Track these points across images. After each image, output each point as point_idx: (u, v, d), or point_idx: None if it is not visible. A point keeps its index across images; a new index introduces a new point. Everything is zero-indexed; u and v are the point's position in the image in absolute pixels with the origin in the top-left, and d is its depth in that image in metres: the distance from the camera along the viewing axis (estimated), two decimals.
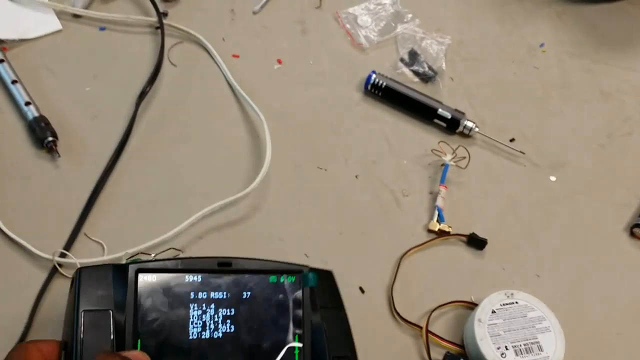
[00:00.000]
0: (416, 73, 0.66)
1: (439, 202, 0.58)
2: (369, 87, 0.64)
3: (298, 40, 0.67)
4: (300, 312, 0.48)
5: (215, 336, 0.46)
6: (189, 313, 0.45)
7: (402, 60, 0.67)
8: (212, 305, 0.46)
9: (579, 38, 0.72)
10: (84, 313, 0.44)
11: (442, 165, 0.60)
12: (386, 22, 0.70)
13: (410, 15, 0.70)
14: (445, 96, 0.65)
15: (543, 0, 0.74)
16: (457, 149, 0.60)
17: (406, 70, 0.67)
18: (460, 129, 0.62)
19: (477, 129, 0.62)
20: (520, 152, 0.62)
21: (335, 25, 0.69)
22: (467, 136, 0.63)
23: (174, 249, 0.55)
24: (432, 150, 0.60)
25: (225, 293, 0.47)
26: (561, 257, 0.57)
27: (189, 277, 0.46)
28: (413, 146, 0.62)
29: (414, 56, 0.67)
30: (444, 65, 0.67)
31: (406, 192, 0.59)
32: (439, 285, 0.53)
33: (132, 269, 0.45)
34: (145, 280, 0.45)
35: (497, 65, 0.69)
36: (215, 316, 0.46)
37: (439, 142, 0.60)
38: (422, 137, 0.63)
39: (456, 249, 0.56)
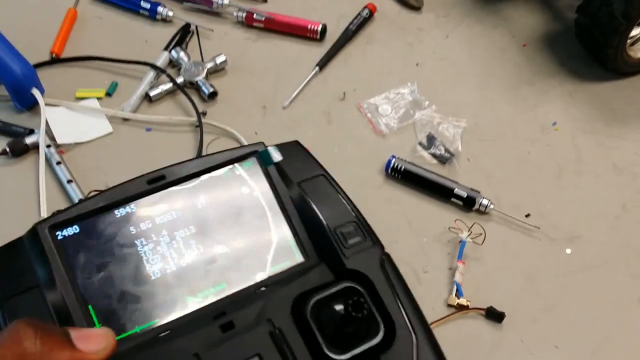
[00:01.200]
0: (434, 155, 0.71)
1: (457, 277, 0.61)
2: (390, 170, 0.69)
3: (324, 130, 0.73)
4: (273, 197, 0.41)
5: (183, 264, 0.39)
6: (138, 251, 0.38)
7: (420, 144, 0.72)
8: (164, 232, 0.39)
9: (591, 114, 0.75)
10: (7, 304, 0.36)
11: (460, 241, 0.64)
12: (405, 109, 0.75)
13: (427, 102, 0.76)
14: (462, 176, 0.70)
15: (555, 81, 0.78)
16: (472, 226, 0.64)
17: (424, 153, 0.72)
18: (477, 206, 0.66)
19: (492, 206, 0.66)
20: (535, 227, 0.66)
21: (358, 114, 0.75)
22: (484, 213, 0.67)
23: (95, 191, 0.48)
24: (449, 229, 0.64)
25: (174, 212, 0.39)
26: (579, 328, 0.59)
27: (120, 211, 0.38)
28: (432, 224, 0.66)
29: (431, 140, 0.72)
30: (460, 147, 0.72)
31: (426, 269, 0.63)
32: (459, 359, 0.56)
33: (42, 229, 0.37)
34: (67, 236, 0.38)
35: (511, 145, 0.73)
36: (174, 242, 0.39)
37: (455, 220, 0.64)
38: (441, 216, 0.67)
39: (475, 323, 0.59)
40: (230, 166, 0.41)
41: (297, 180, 0.43)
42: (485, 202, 0.66)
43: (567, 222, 0.67)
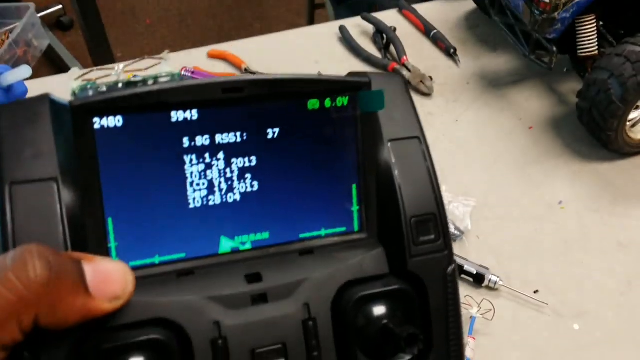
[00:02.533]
0: None
1: (468, 352, 0.63)
2: None
3: None
4: (355, 150, 0.34)
5: (229, 199, 0.33)
6: (184, 170, 0.31)
7: None
8: (221, 154, 0.32)
9: (596, 193, 0.79)
10: (11, 188, 0.28)
11: (470, 317, 0.66)
12: None
13: None
14: (472, 253, 0.73)
15: (560, 162, 0.82)
16: (481, 302, 0.66)
17: None
18: (486, 282, 0.69)
19: (501, 283, 0.69)
20: (544, 302, 0.68)
21: None
22: (493, 289, 0.69)
23: (152, 57, 0.35)
24: None
25: (240, 134, 0.32)
26: None
27: (179, 115, 0.31)
28: None
29: None
30: (469, 225, 0.75)
31: None
32: None
33: (79, 111, 0.29)
34: (107, 127, 0.30)
35: (519, 223, 0.76)
36: (228, 170, 0.32)
37: (465, 296, 0.67)
38: None
39: None
40: (323, 96, 0.33)
41: (389, 137, 0.34)
42: (494, 278, 0.69)
43: (575, 298, 0.69)
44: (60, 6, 2.39)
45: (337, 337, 0.33)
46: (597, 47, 0.83)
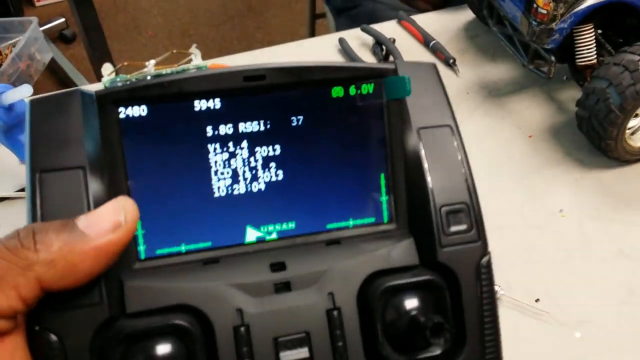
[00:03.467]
0: None
1: None
2: None
3: None
4: (383, 138, 0.33)
5: (254, 189, 0.32)
6: (208, 159, 0.31)
7: None
8: (245, 143, 0.32)
9: (597, 201, 0.79)
10: (40, 176, 0.29)
11: None
12: None
13: None
14: None
15: (560, 170, 0.82)
16: None
17: None
18: None
19: (502, 292, 0.69)
20: (545, 311, 0.68)
21: None
22: None
23: (180, 52, 0.36)
24: None
25: (263, 122, 0.32)
26: None
27: (202, 104, 0.31)
28: None
29: None
30: None
31: None
32: None
33: (105, 100, 0.30)
34: (132, 117, 0.30)
35: (520, 232, 0.76)
36: (252, 159, 0.32)
37: None
38: None
39: None
40: (348, 83, 0.32)
41: (419, 125, 0.33)
42: (495, 287, 0.69)
43: (576, 307, 0.69)
44: (63, 19, 2.41)
45: (363, 328, 0.32)
46: (595, 56, 0.83)
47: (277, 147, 0.32)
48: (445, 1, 1.17)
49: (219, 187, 0.32)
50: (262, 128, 0.32)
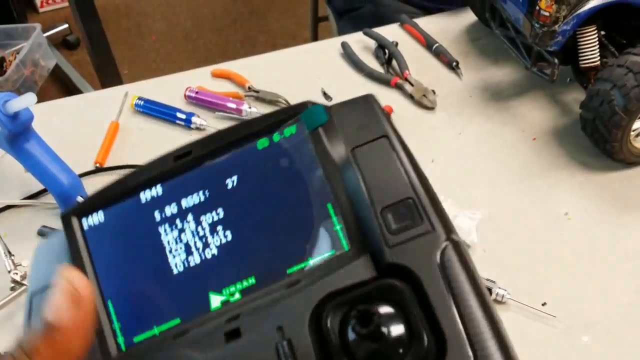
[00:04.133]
0: None
1: None
2: None
3: None
4: (319, 170, 0.33)
5: (208, 255, 0.33)
6: (161, 241, 0.34)
7: None
8: (190, 216, 0.33)
9: (602, 204, 0.79)
10: (32, 298, 0.34)
11: None
12: None
13: (443, 196, 0.80)
14: (479, 266, 0.72)
15: (565, 173, 0.82)
16: None
17: None
18: (493, 296, 0.69)
19: (509, 296, 0.69)
20: (552, 315, 0.68)
21: None
22: (501, 302, 0.69)
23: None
24: None
25: (202, 192, 0.34)
26: None
27: (146, 194, 0.34)
28: None
29: None
30: (475, 238, 0.75)
31: None
32: None
33: (71, 219, 0.34)
34: (93, 225, 0.34)
35: (525, 235, 0.76)
36: (199, 228, 0.33)
37: None
38: None
39: None
40: (268, 134, 0.33)
41: (353, 145, 0.34)
42: (501, 292, 0.69)
43: (583, 310, 0.69)
44: (66, 25, 2.42)
45: (321, 353, 0.31)
46: (599, 58, 0.83)
47: (220, 210, 0.33)
48: None
49: (176, 264, 0.33)
50: (203, 198, 0.34)
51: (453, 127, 0.88)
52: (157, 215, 0.34)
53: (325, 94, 0.94)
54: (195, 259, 0.33)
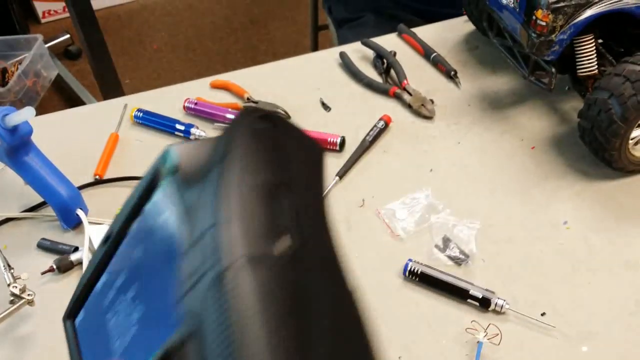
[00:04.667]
0: (450, 257, 0.75)
1: None
2: (407, 273, 0.72)
3: (344, 237, 0.78)
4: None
5: (127, 337, 0.32)
6: (107, 331, 0.34)
7: (436, 246, 0.76)
8: (119, 299, 0.33)
9: (601, 212, 0.78)
10: None
11: (477, 342, 0.66)
12: (421, 213, 0.80)
13: (442, 206, 0.80)
14: (478, 276, 0.73)
15: (564, 182, 0.82)
16: (488, 327, 0.66)
17: (440, 255, 0.75)
18: (492, 307, 0.69)
19: (508, 306, 0.69)
20: (551, 325, 0.68)
21: (376, 220, 0.80)
22: (500, 313, 0.69)
23: None
24: (466, 330, 0.67)
25: (122, 274, 0.34)
26: None
27: (97, 286, 0.35)
28: (450, 325, 0.69)
29: (447, 242, 0.76)
30: (474, 248, 0.75)
31: None
32: None
33: (66, 321, 0.38)
34: (79, 323, 0.37)
35: (524, 245, 0.76)
36: (128, 308, 0.32)
37: (471, 322, 0.67)
38: (459, 317, 0.69)
39: None
40: (144, 199, 0.32)
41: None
42: (500, 302, 0.69)
43: (582, 320, 0.68)
44: (68, 35, 2.42)
45: None
46: (596, 67, 0.83)
47: (135, 284, 0.33)
48: None
49: (114, 349, 0.33)
50: (123, 278, 0.34)
51: (451, 136, 0.88)
52: (105, 303, 0.34)
53: (323, 104, 0.94)
54: (123, 342, 0.32)
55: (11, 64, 2.00)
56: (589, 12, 0.78)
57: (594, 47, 0.82)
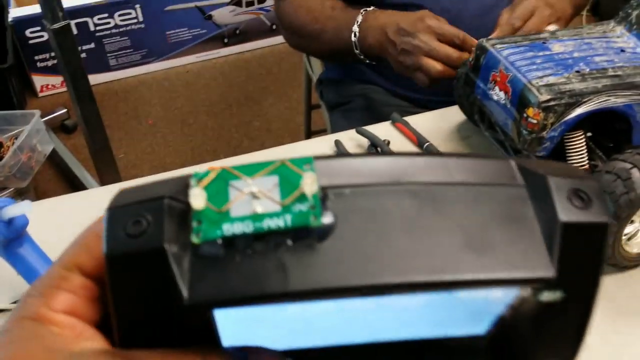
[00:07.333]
0: None
1: None
2: None
3: None
4: None
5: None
6: None
7: None
8: None
9: (597, 310, 0.78)
10: None
11: None
12: None
13: None
14: None
15: None
16: None
17: None
18: None
19: None
20: None
21: None
22: None
23: None
24: None
25: None
26: None
27: None
28: None
29: None
30: None
31: None
32: None
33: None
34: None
35: None
36: None
37: None
38: None
39: None
40: None
41: None
42: None
43: None
44: (65, 110, 2.46)
45: None
46: (587, 162, 0.84)
47: None
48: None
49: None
50: None
51: None
52: None
53: None
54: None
55: (7, 138, 2.02)
56: (578, 111, 0.80)
57: (584, 143, 0.84)
